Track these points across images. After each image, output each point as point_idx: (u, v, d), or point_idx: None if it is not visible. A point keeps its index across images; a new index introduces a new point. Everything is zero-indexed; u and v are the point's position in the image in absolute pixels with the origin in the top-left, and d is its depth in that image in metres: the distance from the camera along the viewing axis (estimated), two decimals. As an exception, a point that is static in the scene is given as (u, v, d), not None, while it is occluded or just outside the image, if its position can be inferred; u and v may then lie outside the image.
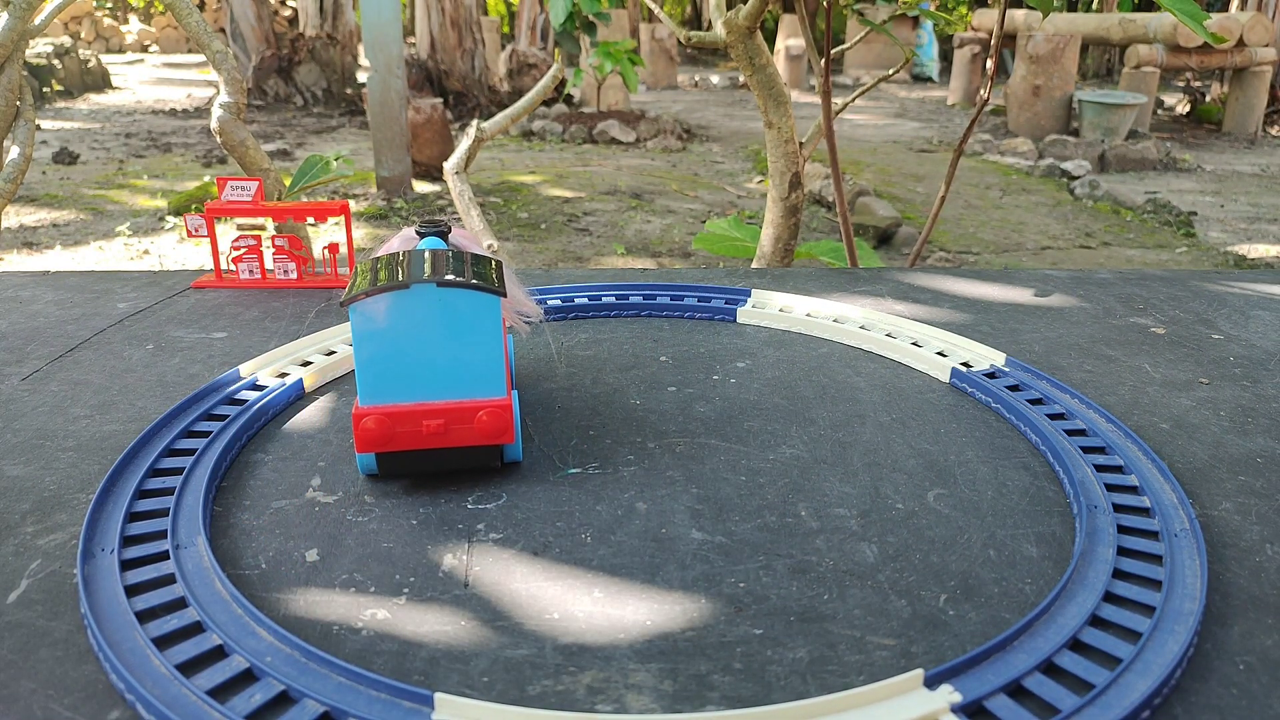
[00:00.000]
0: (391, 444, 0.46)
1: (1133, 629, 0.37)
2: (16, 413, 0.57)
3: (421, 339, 0.45)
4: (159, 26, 12.06)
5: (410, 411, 0.46)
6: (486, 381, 0.47)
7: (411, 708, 0.33)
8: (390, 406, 0.46)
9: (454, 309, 0.45)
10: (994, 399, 0.59)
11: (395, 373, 0.46)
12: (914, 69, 8.80)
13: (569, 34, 1.43)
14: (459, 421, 0.47)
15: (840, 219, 1.32)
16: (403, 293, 0.44)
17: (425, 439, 0.47)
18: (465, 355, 0.46)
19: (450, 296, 0.45)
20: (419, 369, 0.46)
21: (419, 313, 0.45)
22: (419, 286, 0.44)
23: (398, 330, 0.45)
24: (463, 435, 0.47)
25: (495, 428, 0.47)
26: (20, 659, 0.36)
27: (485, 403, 0.47)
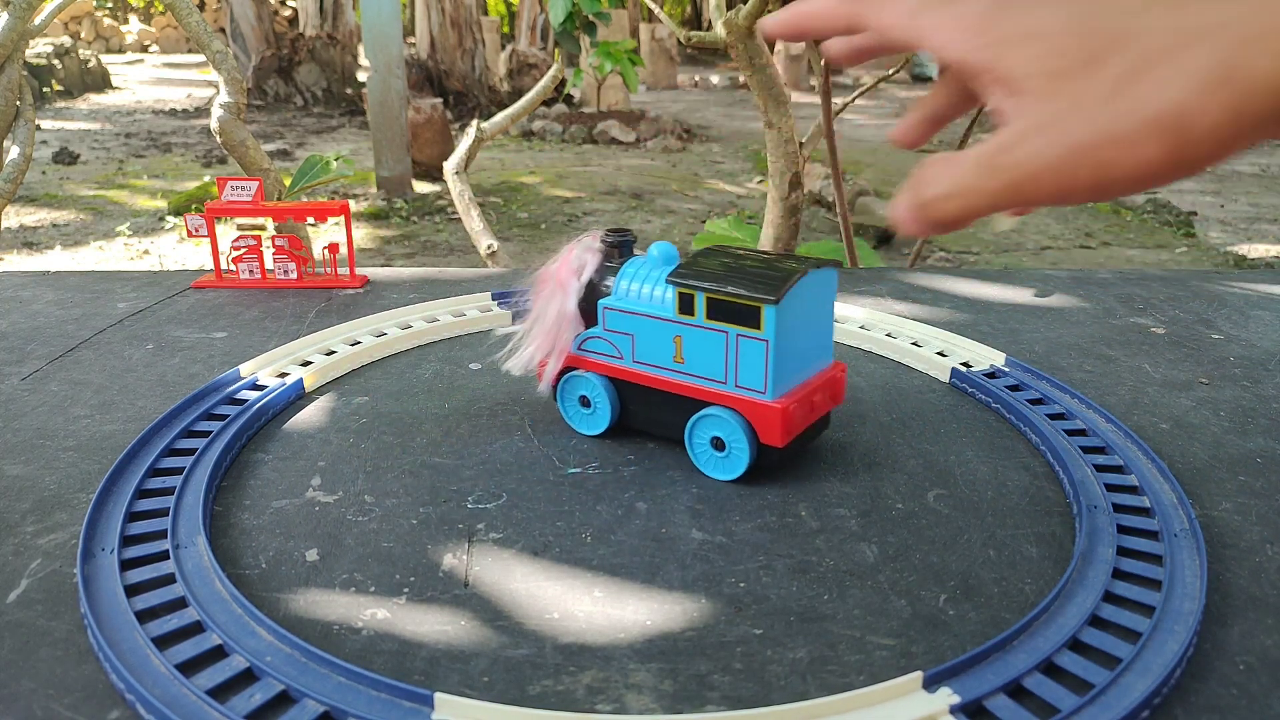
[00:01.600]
0: (800, 427, 0.48)
1: (1132, 629, 0.37)
2: (16, 412, 0.57)
3: (804, 321, 0.47)
4: (159, 26, 12.06)
5: (807, 392, 0.48)
6: (827, 349, 0.51)
7: (411, 708, 0.33)
8: (794, 392, 0.47)
9: (824, 287, 0.48)
10: (994, 399, 0.59)
11: (791, 360, 0.47)
12: (914, 69, 8.80)
13: (569, 34, 1.43)
14: (825, 391, 0.49)
15: (840, 219, 1.32)
16: (804, 279, 0.46)
17: (813, 414, 0.49)
18: (821, 329, 0.50)
19: (820, 276, 0.48)
20: (801, 351, 0.48)
21: (806, 297, 0.47)
22: (815, 271, 0.47)
23: (797, 318, 0.46)
24: (825, 404, 0.50)
25: (839, 390, 0.51)
26: (20, 659, 0.36)
27: (833, 368, 0.51)
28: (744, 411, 0.47)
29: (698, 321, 0.47)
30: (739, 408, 0.47)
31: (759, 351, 0.46)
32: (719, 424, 0.48)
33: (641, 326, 0.50)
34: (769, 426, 0.46)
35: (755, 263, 0.48)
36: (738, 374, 0.47)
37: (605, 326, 0.51)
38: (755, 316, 0.45)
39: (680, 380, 0.49)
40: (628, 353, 0.51)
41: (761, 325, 0.45)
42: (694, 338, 0.48)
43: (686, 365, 0.49)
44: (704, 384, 0.48)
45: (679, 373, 0.49)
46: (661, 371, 0.50)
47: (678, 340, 0.49)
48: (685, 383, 0.49)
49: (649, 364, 0.50)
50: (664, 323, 0.49)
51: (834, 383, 0.50)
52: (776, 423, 0.46)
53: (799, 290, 0.46)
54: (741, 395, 0.47)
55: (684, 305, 0.48)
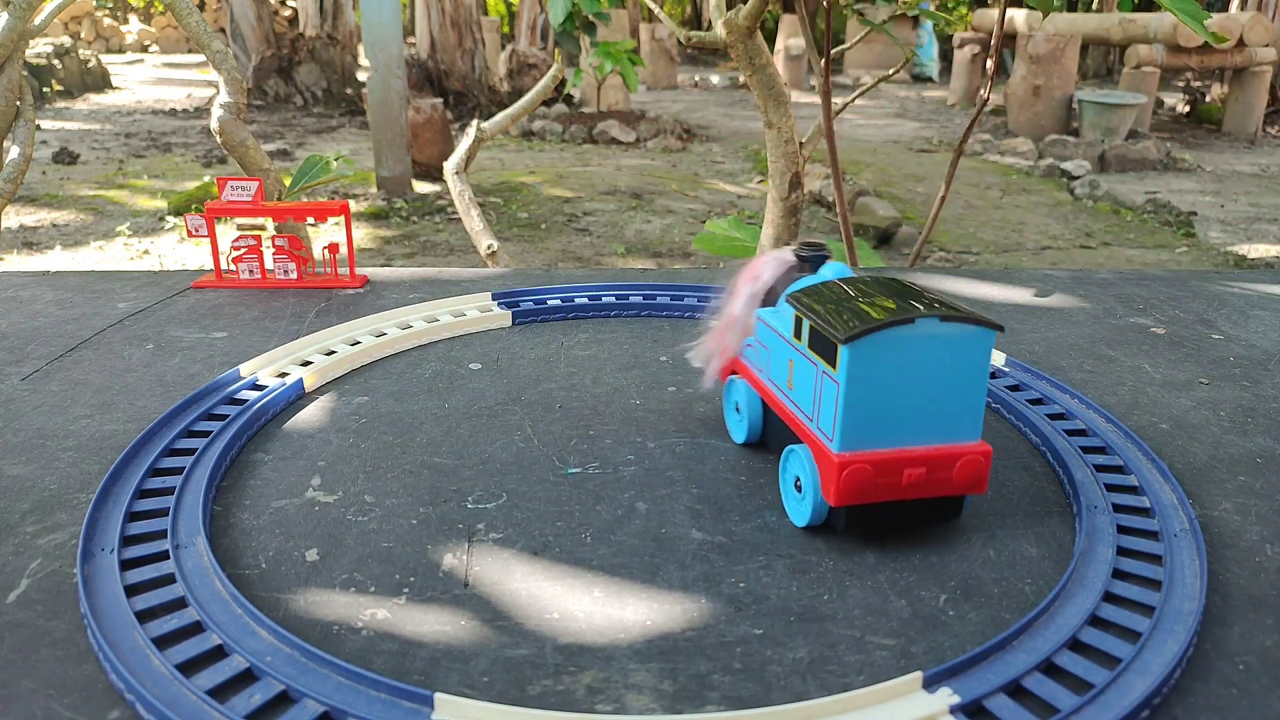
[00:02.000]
0: (870, 495, 0.42)
1: (1132, 629, 0.37)
2: (16, 413, 0.57)
3: (912, 379, 0.41)
4: (159, 26, 12.06)
5: (893, 459, 0.41)
6: (965, 424, 0.42)
7: (411, 708, 0.33)
8: (872, 453, 0.41)
9: (952, 345, 0.40)
10: (994, 399, 0.59)
11: (879, 416, 0.41)
12: (914, 69, 8.80)
13: (569, 34, 1.43)
14: (939, 470, 0.42)
15: (840, 219, 1.32)
16: (904, 328, 0.40)
17: (903, 489, 0.42)
18: (951, 395, 0.41)
19: (951, 331, 0.40)
20: (902, 412, 0.41)
21: (915, 350, 0.40)
22: (923, 320, 0.40)
23: (890, 369, 0.40)
24: (939, 485, 0.42)
25: (974, 477, 0.43)
26: (20, 659, 0.36)
27: (964, 448, 0.42)
28: (816, 457, 0.43)
29: (803, 348, 0.44)
30: (814, 451, 0.43)
31: (833, 393, 0.41)
32: (799, 463, 0.44)
33: (773, 343, 0.47)
34: (827, 480, 0.42)
35: (887, 298, 0.42)
36: (820, 414, 0.43)
37: (756, 336, 0.50)
38: (833, 353, 0.41)
39: (788, 407, 0.46)
40: (766, 367, 0.49)
41: (836, 363, 0.40)
42: (800, 365, 0.44)
43: (794, 393, 0.45)
44: (800, 416, 0.45)
45: (789, 399, 0.46)
46: (779, 393, 0.47)
47: (790, 364, 0.45)
48: (790, 410, 0.46)
49: (774, 383, 0.48)
50: (784, 343, 0.46)
51: (960, 464, 0.42)
52: (833, 478, 0.41)
53: (900, 336, 0.40)
54: (819, 438, 0.43)
55: (796, 328, 0.44)
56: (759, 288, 0.50)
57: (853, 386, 0.40)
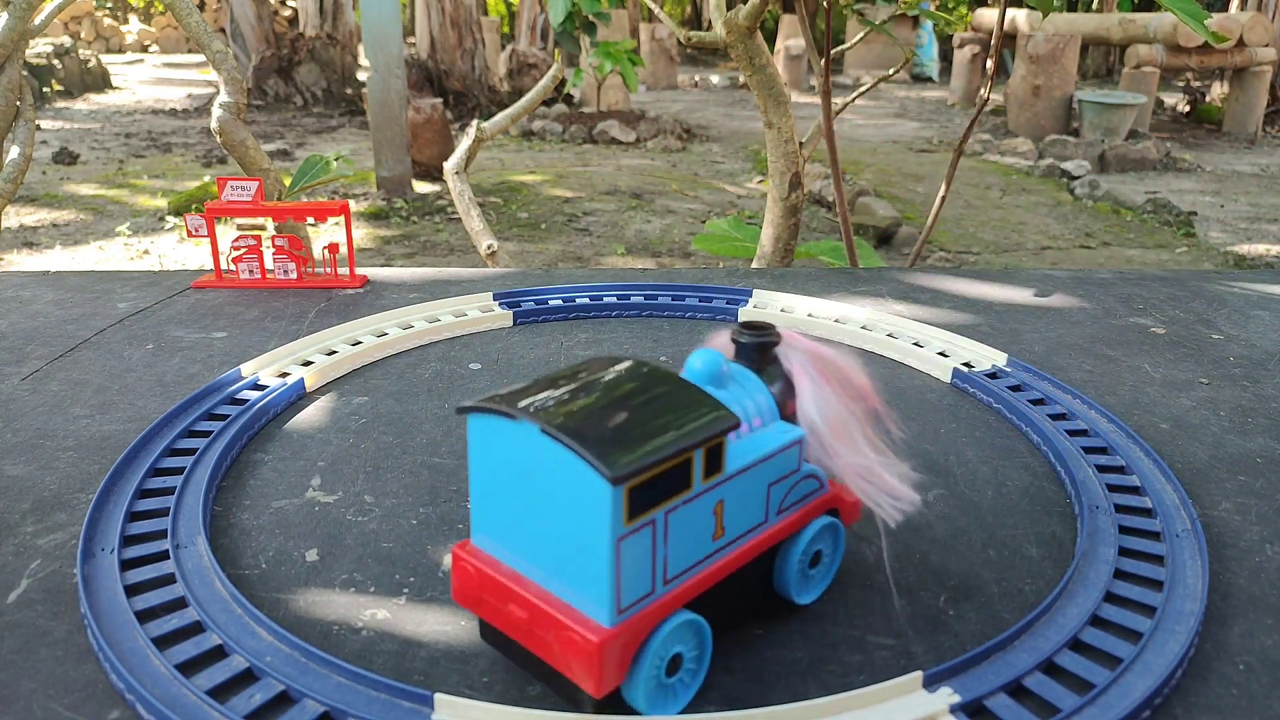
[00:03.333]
0: (478, 608, 0.34)
1: (1133, 629, 0.37)
2: (16, 413, 0.57)
3: (528, 490, 0.32)
4: (159, 26, 12.06)
5: (502, 580, 0.33)
6: (586, 585, 0.31)
7: (411, 708, 0.33)
8: (492, 559, 0.34)
9: (560, 470, 0.30)
10: (995, 399, 0.59)
11: (504, 514, 0.33)
12: (914, 69, 8.80)
13: (569, 34, 1.43)
14: (541, 626, 0.32)
15: (840, 219, 1.32)
16: (509, 422, 0.32)
17: (509, 626, 0.33)
18: (568, 535, 0.31)
19: (555, 453, 0.30)
20: (527, 524, 0.33)
21: (529, 456, 0.31)
22: (524, 422, 0.31)
23: (508, 466, 0.32)
24: (542, 646, 0.32)
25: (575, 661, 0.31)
26: (20, 659, 0.36)
27: (575, 617, 0.31)
28: None
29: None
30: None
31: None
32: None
33: None
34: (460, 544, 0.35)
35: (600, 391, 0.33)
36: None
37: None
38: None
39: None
40: None
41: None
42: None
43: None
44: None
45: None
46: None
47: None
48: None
49: None
50: None
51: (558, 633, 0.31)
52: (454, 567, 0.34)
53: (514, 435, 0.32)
54: None
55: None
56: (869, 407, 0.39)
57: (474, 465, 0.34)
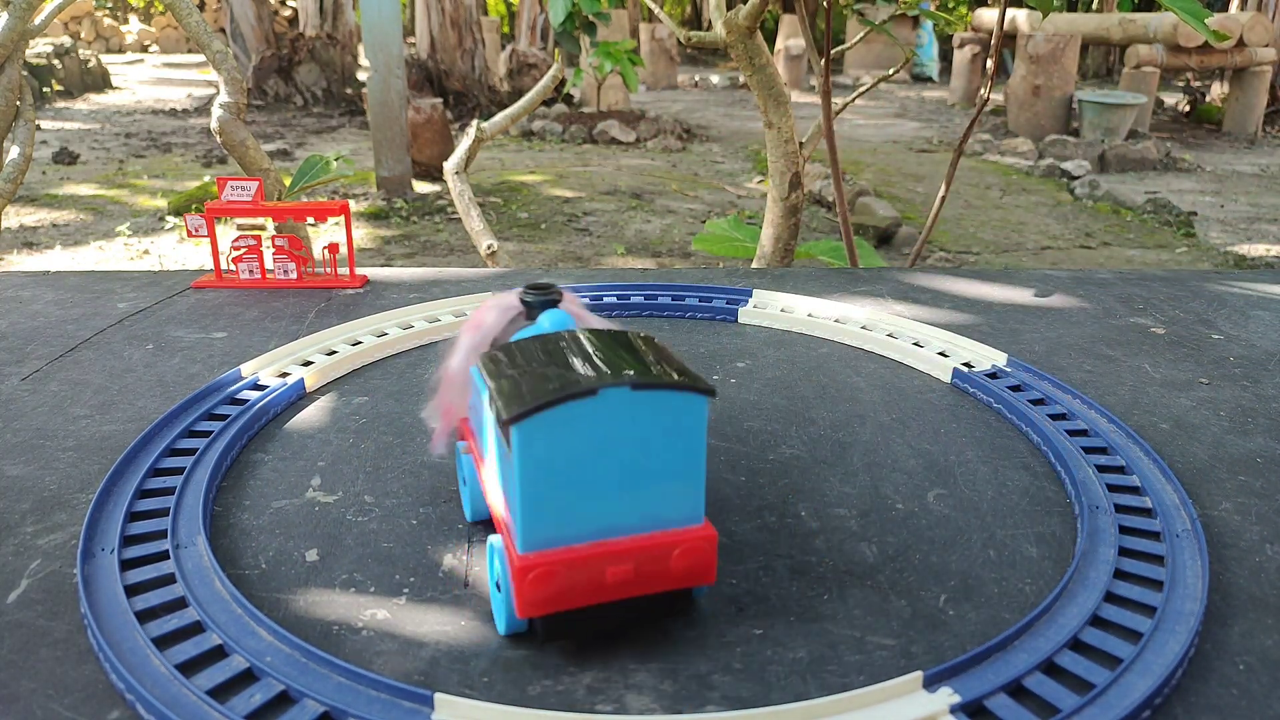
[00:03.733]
0: (567, 601, 0.35)
1: (1133, 629, 0.37)
2: (16, 413, 0.57)
3: (606, 460, 0.34)
4: (159, 26, 12.06)
5: (590, 555, 0.34)
6: (682, 505, 0.35)
7: (411, 708, 0.33)
8: (563, 551, 0.34)
9: (652, 416, 0.33)
10: (995, 399, 0.59)
11: (569, 505, 0.34)
12: (914, 69, 8.80)
13: (569, 34, 1.43)
14: (651, 563, 0.35)
15: (840, 219, 1.32)
16: (586, 401, 0.32)
17: (608, 590, 0.35)
18: (661, 474, 0.34)
19: (649, 400, 0.33)
20: (599, 497, 0.34)
21: (606, 425, 0.33)
22: (610, 391, 0.33)
23: (576, 450, 0.33)
24: (655, 579, 0.36)
25: (698, 566, 0.36)
26: (20, 659, 0.36)
27: (682, 534, 0.35)
28: (507, 554, 0.35)
29: (492, 420, 0.35)
30: (506, 549, 0.35)
31: (513, 480, 0.33)
32: (497, 560, 0.36)
33: (479, 407, 0.39)
34: (513, 584, 0.34)
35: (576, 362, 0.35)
36: (509, 503, 0.35)
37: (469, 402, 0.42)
38: (507, 431, 0.33)
39: (488, 487, 0.39)
40: (479, 433, 0.41)
41: (510, 445, 0.33)
42: (495, 438, 0.36)
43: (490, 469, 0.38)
44: (496, 500, 0.37)
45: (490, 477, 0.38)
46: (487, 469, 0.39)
47: (490, 436, 0.37)
48: (490, 492, 0.38)
49: (486, 454, 0.39)
50: (486, 410, 0.37)
51: (679, 553, 0.35)
52: (516, 585, 0.34)
53: (581, 411, 0.33)
54: (509, 533, 0.35)
55: (488, 395, 0.35)
56: (480, 338, 0.43)
57: (530, 473, 0.33)
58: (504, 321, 0.43)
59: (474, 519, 0.45)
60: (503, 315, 0.44)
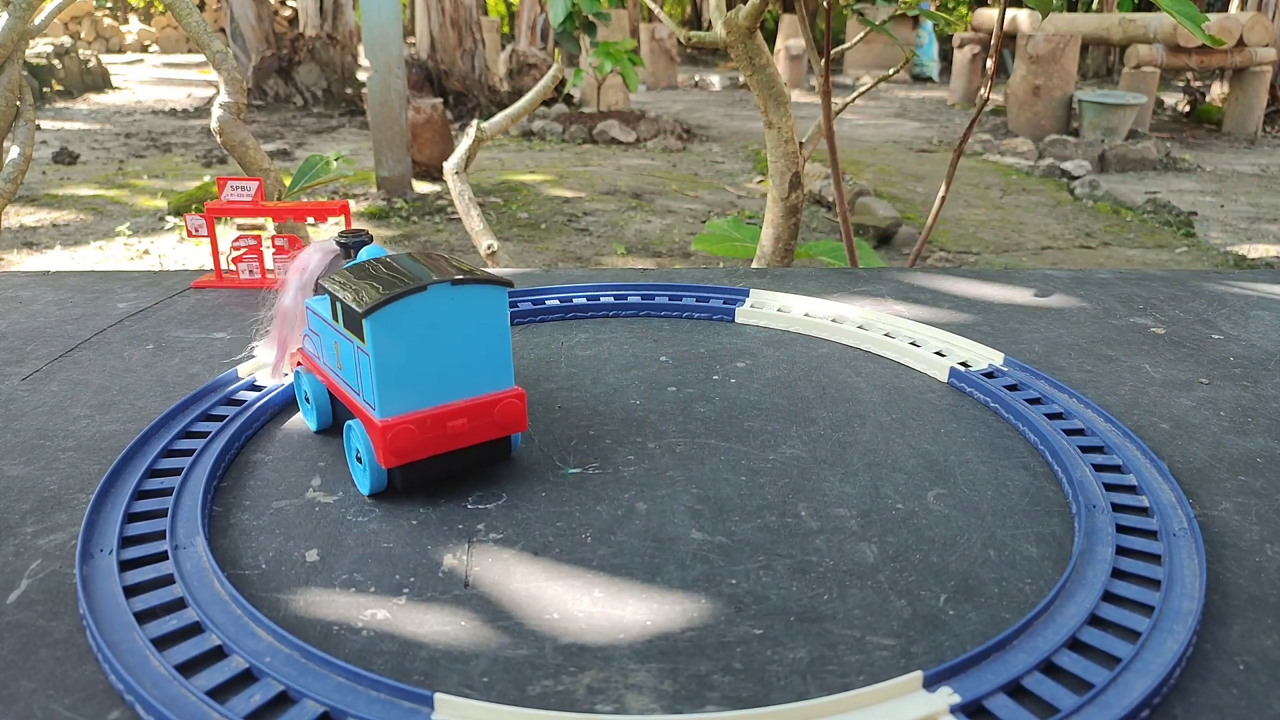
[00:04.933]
0: (419, 452, 0.46)
1: (1132, 628, 0.37)
2: (16, 413, 0.57)
3: (437, 340, 0.45)
4: (159, 26, 12.06)
5: (434, 415, 0.46)
6: (498, 374, 0.48)
7: (411, 708, 0.33)
8: (413, 414, 0.45)
9: (468, 305, 0.45)
10: (992, 399, 0.59)
11: (413, 379, 0.45)
12: (914, 69, 8.80)
13: (569, 34, 1.43)
14: (480, 416, 0.47)
15: (840, 219, 1.32)
16: (419, 295, 0.44)
17: (449, 440, 0.46)
18: (479, 350, 0.46)
19: (465, 294, 0.45)
20: (435, 371, 0.46)
21: (435, 314, 0.45)
22: (436, 287, 0.44)
23: (414, 334, 0.44)
24: (483, 430, 0.47)
25: (514, 417, 0.48)
26: (20, 659, 0.36)
27: (501, 395, 0.48)
28: (366, 427, 0.46)
29: (340, 328, 0.47)
30: (364, 423, 0.46)
31: (367, 365, 0.44)
32: (356, 436, 0.47)
33: (322, 329, 0.50)
34: (376, 446, 0.45)
35: (405, 272, 0.46)
36: (363, 387, 0.46)
37: (310, 326, 0.52)
38: (358, 326, 0.44)
39: (341, 386, 0.49)
40: (321, 353, 0.51)
41: (364, 336, 0.44)
42: (343, 345, 0.47)
43: (343, 372, 0.48)
44: (350, 393, 0.48)
45: (341, 379, 0.49)
46: (334, 376, 0.50)
47: (336, 346, 0.48)
48: (343, 389, 0.48)
49: (329, 367, 0.50)
50: (329, 327, 0.49)
51: (499, 408, 0.48)
52: (379, 442, 0.45)
53: (417, 304, 0.44)
54: (365, 410, 0.46)
55: (333, 309, 0.47)
56: (307, 278, 0.53)
57: (381, 355, 0.43)
58: (325, 262, 0.53)
59: (319, 428, 0.54)
60: (325, 257, 0.53)
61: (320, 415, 0.53)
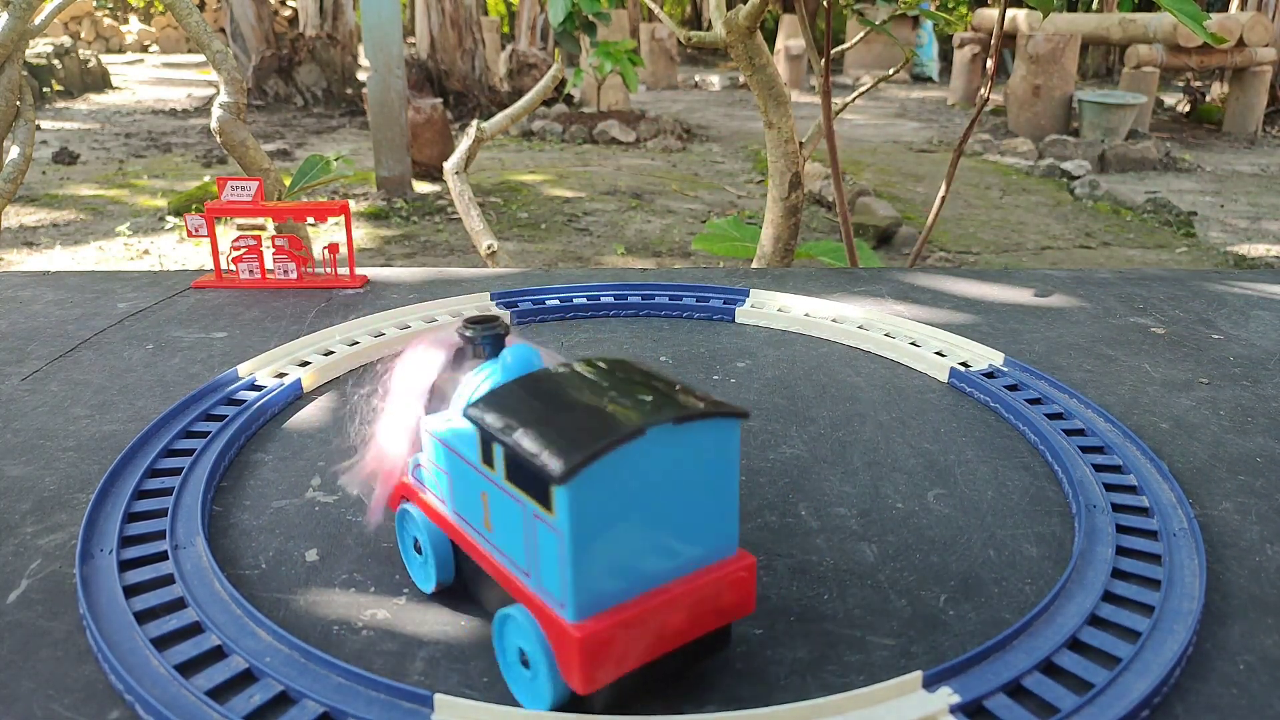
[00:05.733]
0: (628, 663, 0.31)
1: (1132, 628, 0.37)
2: (16, 413, 0.57)
3: (652, 500, 0.31)
4: (159, 26, 12.06)
5: (646, 609, 0.31)
6: (719, 536, 0.33)
7: (411, 708, 0.33)
8: (617, 610, 0.31)
9: (693, 449, 0.31)
10: (992, 398, 0.59)
11: (618, 559, 0.31)
12: (914, 69, 8.80)
13: (569, 34, 1.43)
14: (702, 604, 0.33)
15: (840, 219, 1.32)
16: (634, 443, 0.29)
17: (667, 640, 0.32)
18: (700, 506, 0.32)
19: (690, 434, 0.31)
20: (645, 544, 0.31)
21: (651, 467, 0.30)
22: (655, 430, 0.30)
23: (623, 499, 0.30)
24: (705, 620, 0.33)
25: (743, 597, 0.34)
26: (20, 659, 0.36)
27: (724, 566, 0.33)
28: (544, 626, 0.31)
29: (500, 480, 0.32)
30: (541, 619, 0.31)
31: (554, 545, 0.30)
32: (521, 634, 0.33)
33: (456, 468, 0.35)
34: (569, 661, 0.30)
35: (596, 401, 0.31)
36: (540, 569, 0.31)
37: (428, 455, 0.38)
38: (545, 493, 0.29)
39: (490, 554, 0.34)
40: (450, 497, 0.36)
41: (553, 507, 0.29)
42: (500, 502, 0.33)
43: (496, 536, 0.34)
44: (510, 569, 0.33)
45: (490, 544, 0.34)
46: (474, 535, 0.35)
47: (484, 499, 0.34)
48: (494, 560, 0.34)
49: (465, 520, 0.36)
50: (471, 469, 0.34)
51: (728, 587, 0.33)
52: (574, 657, 0.30)
53: (630, 456, 0.29)
54: (543, 602, 0.31)
55: (485, 452, 0.32)
56: (420, 389, 0.38)
57: (581, 533, 0.29)
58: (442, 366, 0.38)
59: (438, 588, 0.39)
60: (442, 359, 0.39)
61: (440, 572, 0.38)
